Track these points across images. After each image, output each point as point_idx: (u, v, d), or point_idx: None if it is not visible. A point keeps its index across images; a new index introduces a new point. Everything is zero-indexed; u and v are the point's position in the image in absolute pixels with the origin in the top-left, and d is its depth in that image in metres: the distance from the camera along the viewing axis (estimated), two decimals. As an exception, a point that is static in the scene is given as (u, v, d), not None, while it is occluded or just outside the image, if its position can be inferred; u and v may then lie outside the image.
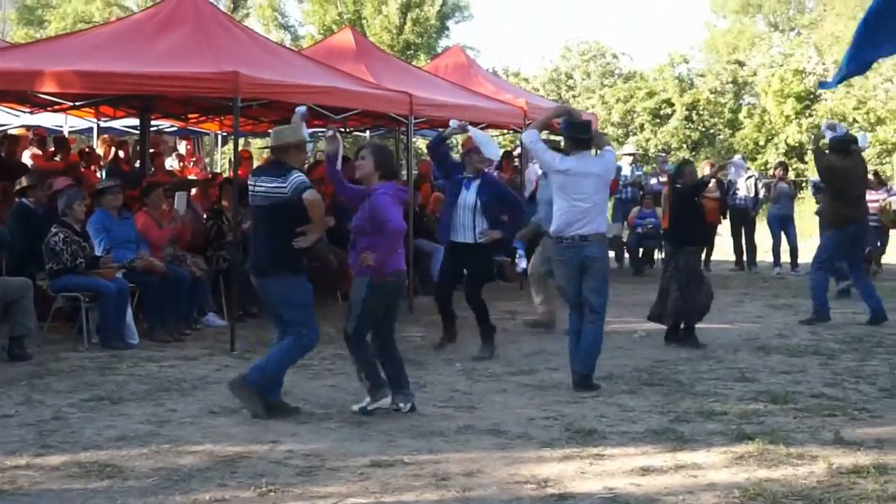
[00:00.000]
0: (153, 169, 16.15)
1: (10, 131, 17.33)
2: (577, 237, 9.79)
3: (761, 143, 37.60)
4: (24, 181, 12.57)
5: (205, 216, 14.17)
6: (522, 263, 17.43)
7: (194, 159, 20.27)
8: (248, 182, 8.82)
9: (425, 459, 7.28)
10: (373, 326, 8.65)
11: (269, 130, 11.22)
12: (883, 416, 8.71)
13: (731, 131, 39.29)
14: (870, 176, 22.33)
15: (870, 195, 21.35)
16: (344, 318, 8.73)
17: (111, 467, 7.00)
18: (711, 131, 39.75)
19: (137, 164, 16.48)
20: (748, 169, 22.37)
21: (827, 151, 14.19)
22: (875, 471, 6.96)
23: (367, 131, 21.31)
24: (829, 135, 14.40)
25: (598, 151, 10.21)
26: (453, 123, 12.10)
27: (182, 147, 20.21)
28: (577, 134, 10.06)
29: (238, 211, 12.29)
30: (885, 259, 21.70)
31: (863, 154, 15.22)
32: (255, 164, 21.01)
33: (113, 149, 17.01)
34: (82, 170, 15.65)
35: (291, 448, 7.55)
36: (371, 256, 8.35)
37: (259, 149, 33.12)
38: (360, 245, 8.51)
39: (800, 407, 8.94)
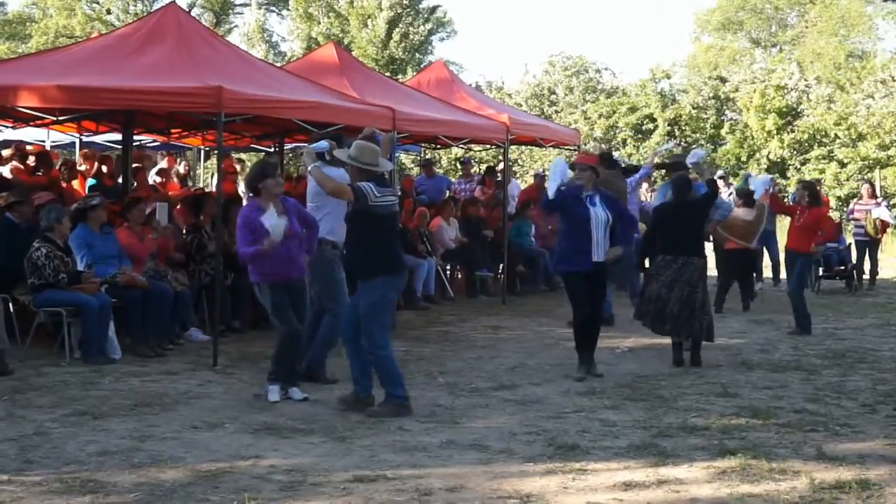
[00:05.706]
0: (136, 184, 16.11)
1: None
2: None
3: (743, 158, 37.70)
4: (8, 196, 12.51)
5: (184, 231, 14.14)
6: None
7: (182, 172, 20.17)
8: None
9: (408, 474, 7.27)
10: None
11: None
12: (865, 431, 8.74)
13: (713, 147, 39.36)
14: (865, 187, 22.49)
15: (860, 206, 21.52)
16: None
17: (93, 482, 6.97)
18: (693, 147, 39.82)
19: (120, 179, 16.44)
20: (730, 185, 22.31)
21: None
22: (857, 486, 6.98)
23: (351, 146, 21.24)
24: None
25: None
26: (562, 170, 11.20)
27: (164, 162, 20.12)
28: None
29: (221, 225, 12.29)
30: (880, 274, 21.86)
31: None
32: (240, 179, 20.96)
33: (97, 163, 16.99)
34: (64, 184, 15.61)
35: (274, 463, 7.54)
36: None
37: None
38: None
39: (782, 422, 8.96)
